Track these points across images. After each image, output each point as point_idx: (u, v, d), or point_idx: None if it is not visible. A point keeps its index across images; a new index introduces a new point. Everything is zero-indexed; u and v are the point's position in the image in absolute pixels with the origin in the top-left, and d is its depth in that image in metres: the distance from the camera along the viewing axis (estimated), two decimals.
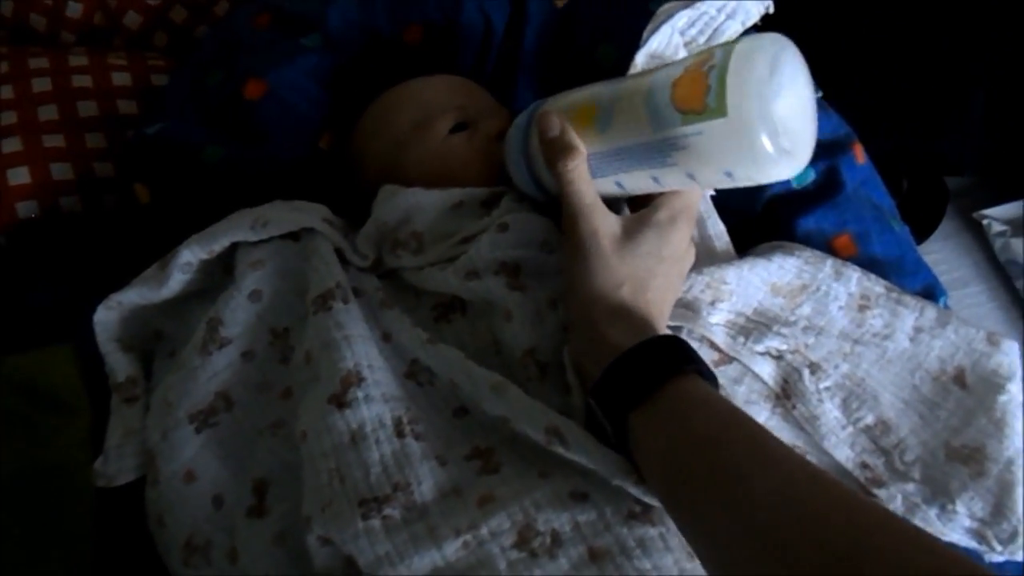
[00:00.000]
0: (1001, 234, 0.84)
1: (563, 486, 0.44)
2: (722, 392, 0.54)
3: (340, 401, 0.46)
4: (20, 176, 0.69)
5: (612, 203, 0.55)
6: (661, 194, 0.50)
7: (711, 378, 0.45)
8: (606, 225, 0.48)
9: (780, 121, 0.41)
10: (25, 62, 0.74)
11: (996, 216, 0.86)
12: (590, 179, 0.49)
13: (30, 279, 0.67)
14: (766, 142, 0.41)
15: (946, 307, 0.63)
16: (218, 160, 0.65)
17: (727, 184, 0.46)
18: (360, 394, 0.46)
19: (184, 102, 0.69)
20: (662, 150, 0.45)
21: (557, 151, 0.49)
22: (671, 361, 0.43)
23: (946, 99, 0.82)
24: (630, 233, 0.48)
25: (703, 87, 0.42)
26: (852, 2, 0.87)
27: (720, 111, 0.42)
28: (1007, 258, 0.84)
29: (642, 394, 0.42)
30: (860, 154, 0.65)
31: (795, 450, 0.53)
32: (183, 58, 0.76)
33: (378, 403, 0.46)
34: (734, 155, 0.43)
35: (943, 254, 0.85)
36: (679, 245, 0.49)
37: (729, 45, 0.43)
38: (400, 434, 0.45)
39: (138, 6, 0.83)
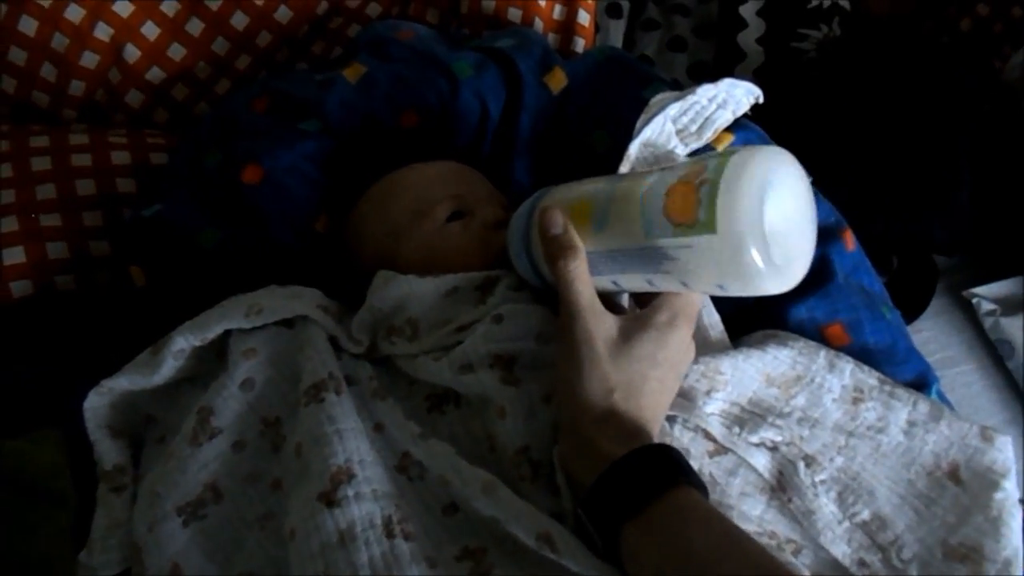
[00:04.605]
0: (991, 313, 0.85)
1: None
2: (717, 484, 0.53)
3: (330, 499, 0.45)
4: (15, 256, 0.69)
5: (615, 294, 0.55)
6: (661, 294, 0.50)
7: (701, 488, 0.44)
8: (602, 328, 0.48)
9: (772, 238, 0.41)
10: (26, 140, 0.75)
11: (985, 295, 0.86)
12: (590, 279, 0.49)
13: (21, 359, 0.67)
14: (756, 259, 0.41)
15: (939, 394, 0.63)
16: (215, 244, 0.66)
17: (721, 294, 0.46)
18: (350, 492, 0.46)
19: (181, 184, 0.70)
20: (655, 258, 0.45)
21: (558, 249, 0.49)
22: (665, 472, 0.43)
23: (933, 182, 0.83)
24: (627, 336, 0.48)
25: (694, 201, 0.42)
26: (840, 88, 0.89)
27: (710, 227, 0.42)
28: (998, 337, 0.84)
29: (636, 506, 0.41)
30: (850, 241, 0.66)
31: (792, 545, 0.53)
32: (181, 138, 0.78)
33: (368, 501, 0.46)
34: (725, 270, 0.43)
35: (933, 332, 0.85)
36: (677, 347, 0.49)
37: (723, 158, 0.43)
38: (390, 534, 0.45)
39: (140, 84, 0.84)
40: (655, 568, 0.40)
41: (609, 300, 0.51)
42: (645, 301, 0.51)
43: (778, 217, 0.42)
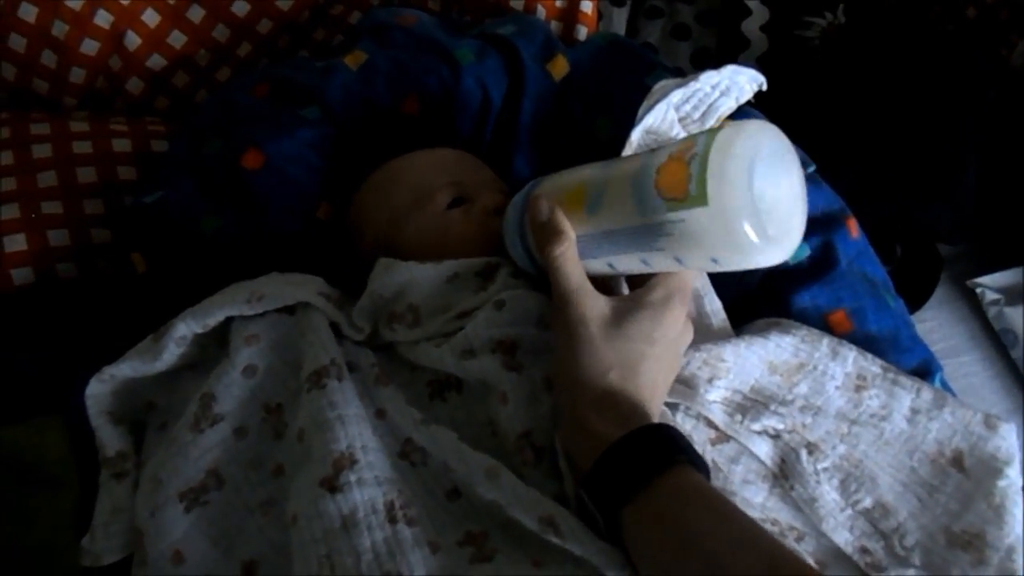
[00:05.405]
0: (995, 303, 0.84)
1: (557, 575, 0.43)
2: (719, 471, 0.53)
3: (332, 485, 0.45)
4: (17, 243, 0.69)
5: (612, 279, 0.55)
6: (656, 274, 0.50)
7: (702, 466, 0.44)
8: (594, 309, 0.48)
9: (763, 208, 0.41)
10: (26, 128, 0.75)
11: (990, 284, 0.86)
12: (578, 263, 0.49)
13: (23, 346, 0.67)
14: (748, 230, 0.41)
15: (942, 382, 0.63)
16: (215, 230, 0.65)
17: (715, 269, 0.46)
18: (352, 477, 0.46)
19: (182, 171, 0.69)
20: (648, 235, 0.45)
21: (546, 236, 0.50)
22: (662, 453, 0.43)
23: (939, 170, 0.83)
24: (621, 315, 0.48)
25: (685, 175, 0.42)
26: (845, 76, 0.89)
27: (701, 199, 0.42)
28: (1002, 327, 0.84)
29: (634, 488, 0.41)
30: (854, 228, 0.66)
31: (794, 532, 0.53)
32: (182, 124, 0.77)
33: (371, 486, 0.46)
34: (718, 242, 0.43)
35: (937, 322, 0.85)
36: (672, 326, 0.49)
37: (711, 132, 0.43)
38: (392, 520, 0.45)
39: (141, 71, 0.84)
40: (657, 548, 0.40)
41: (605, 284, 0.51)
42: (639, 285, 0.51)
43: (767, 188, 0.42)
